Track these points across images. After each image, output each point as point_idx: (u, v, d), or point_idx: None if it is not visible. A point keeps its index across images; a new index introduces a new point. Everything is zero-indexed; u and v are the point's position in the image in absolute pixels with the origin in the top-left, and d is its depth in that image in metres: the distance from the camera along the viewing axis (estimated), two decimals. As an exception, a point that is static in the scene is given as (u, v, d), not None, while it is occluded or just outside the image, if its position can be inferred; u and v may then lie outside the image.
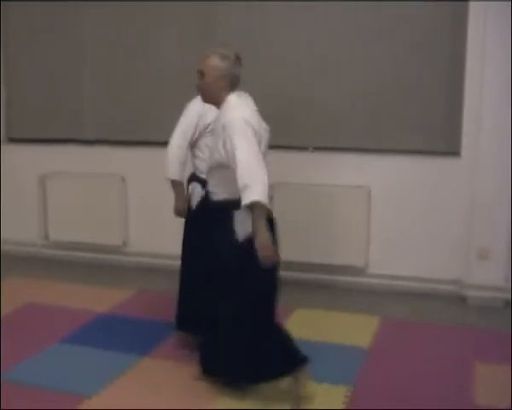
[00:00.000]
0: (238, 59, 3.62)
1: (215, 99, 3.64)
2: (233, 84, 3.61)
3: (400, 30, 5.42)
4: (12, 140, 6.83)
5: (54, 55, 6.48)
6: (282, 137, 5.35)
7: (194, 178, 4.20)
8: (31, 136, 6.70)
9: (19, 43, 6.66)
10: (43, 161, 6.59)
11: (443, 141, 5.45)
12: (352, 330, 4.72)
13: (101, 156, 6.40)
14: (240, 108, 3.52)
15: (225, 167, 3.44)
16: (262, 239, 3.29)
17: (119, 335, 4.57)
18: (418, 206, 5.52)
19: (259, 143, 3.46)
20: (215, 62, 3.56)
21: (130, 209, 6.35)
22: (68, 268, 6.31)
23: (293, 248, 5.45)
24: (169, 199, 4.33)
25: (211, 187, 3.67)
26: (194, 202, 4.14)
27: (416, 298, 5.44)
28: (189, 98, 4.17)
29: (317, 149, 5.70)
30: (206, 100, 3.71)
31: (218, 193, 3.61)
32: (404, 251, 5.59)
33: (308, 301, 5.31)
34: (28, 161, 6.68)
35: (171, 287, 4.42)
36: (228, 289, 3.59)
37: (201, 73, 3.60)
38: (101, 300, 5.28)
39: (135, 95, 6.23)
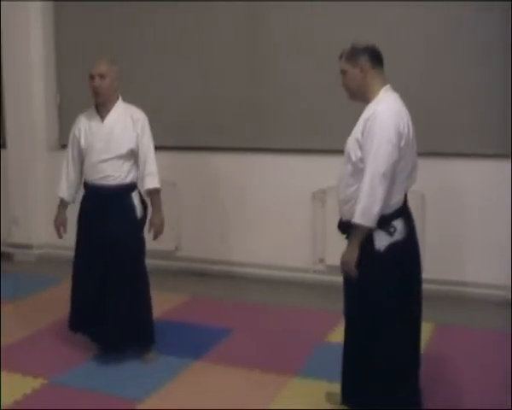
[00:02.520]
0: None
1: (111, 98, 4.14)
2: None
3: (455, 34, 5.39)
4: (65, 147, 6.91)
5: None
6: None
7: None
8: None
9: (71, 52, 6.79)
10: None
11: (495, 144, 5.36)
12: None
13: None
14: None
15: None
16: None
17: (171, 339, 4.60)
18: (471, 209, 5.42)
19: None
20: (110, 65, 4.10)
21: (183, 215, 6.34)
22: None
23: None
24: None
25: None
26: None
27: (467, 303, 5.35)
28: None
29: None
30: (104, 100, 4.13)
31: None
32: (455, 256, 5.50)
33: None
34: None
35: (223, 292, 4.41)
36: None
37: (101, 76, 4.03)
38: (155, 305, 5.31)
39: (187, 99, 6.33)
